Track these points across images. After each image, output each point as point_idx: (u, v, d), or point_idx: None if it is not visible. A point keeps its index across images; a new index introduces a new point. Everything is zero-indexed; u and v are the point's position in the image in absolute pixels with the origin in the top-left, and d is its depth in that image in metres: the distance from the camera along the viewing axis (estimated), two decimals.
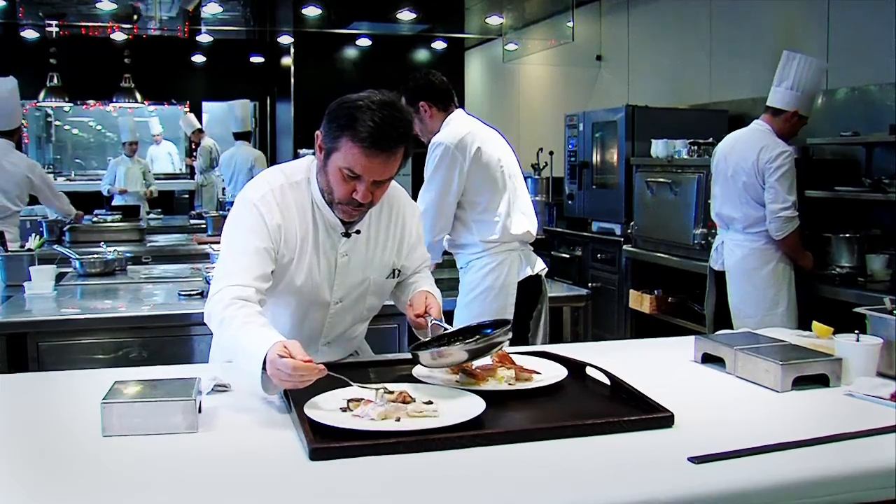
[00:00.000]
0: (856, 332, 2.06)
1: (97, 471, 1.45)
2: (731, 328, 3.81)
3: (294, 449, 1.54)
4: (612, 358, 2.06)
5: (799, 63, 3.96)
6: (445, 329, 2.05)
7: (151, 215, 7.67)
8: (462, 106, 3.38)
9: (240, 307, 1.91)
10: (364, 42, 10.28)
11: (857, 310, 2.18)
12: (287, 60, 10.91)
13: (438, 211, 3.17)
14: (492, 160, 3.16)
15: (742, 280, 4.04)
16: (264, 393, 1.78)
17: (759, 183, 3.90)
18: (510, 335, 1.91)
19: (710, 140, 5.12)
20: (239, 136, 7.84)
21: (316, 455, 1.47)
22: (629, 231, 5.65)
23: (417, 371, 1.97)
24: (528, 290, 3.23)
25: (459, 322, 3.10)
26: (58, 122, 13.08)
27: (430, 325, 2.08)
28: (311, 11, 8.27)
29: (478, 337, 1.91)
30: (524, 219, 3.23)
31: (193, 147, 10.34)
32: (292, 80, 10.40)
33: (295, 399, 1.68)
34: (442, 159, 3.12)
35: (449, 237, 3.26)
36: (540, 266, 3.29)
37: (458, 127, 3.19)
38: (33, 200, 8.54)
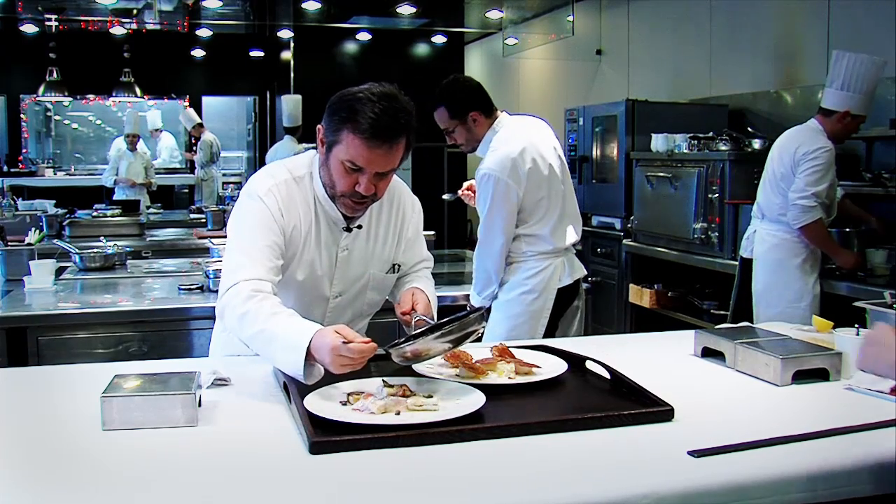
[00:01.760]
0: (856, 326, 2.06)
1: (97, 465, 1.45)
2: (751, 320, 3.79)
3: (294, 442, 1.54)
4: (612, 352, 2.06)
5: (848, 62, 3.84)
6: (429, 324, 2.00)
7: (151, 210, 7.67)
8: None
9: (262, 299, 1.90)
10: (364, 36, 10.27)
11: (858, 304, 2.19)
12: (287, 55, 10.91)
13: (496, 246, 3.07)
14: (545, 172, 3.05)
15: (769, 269, 4.01)
16: (305, 381, 1.76)
17: (792, 174, 3.86)
18: (484, 324, 1.87)
19: (710, 134, 5.12)
20: (288, 131, 7.75)
21: (316, 449, 1.47)
22: (629, 225, 5.65)
23: (417, 365, 1.96)
24: (568, 293, 3.19)
25: (494, 318, 3.10)
26: (57, 117, 13.07)
27: (414, 321, 2.06)
28: (311, 6, 8.26)
29: (448, 328, 1.83)
30: (572, 228, 3.16)
31: (193, 142, 10.34)
32: (292, 75, 10.39)
33: (295, 393, 1.68)
34: (497, 193, 3.00)
35: None
36: (581, 273, 3.23)
37: (507, 148, 3.03)
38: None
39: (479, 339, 1.96)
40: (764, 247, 4.05)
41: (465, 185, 3.35)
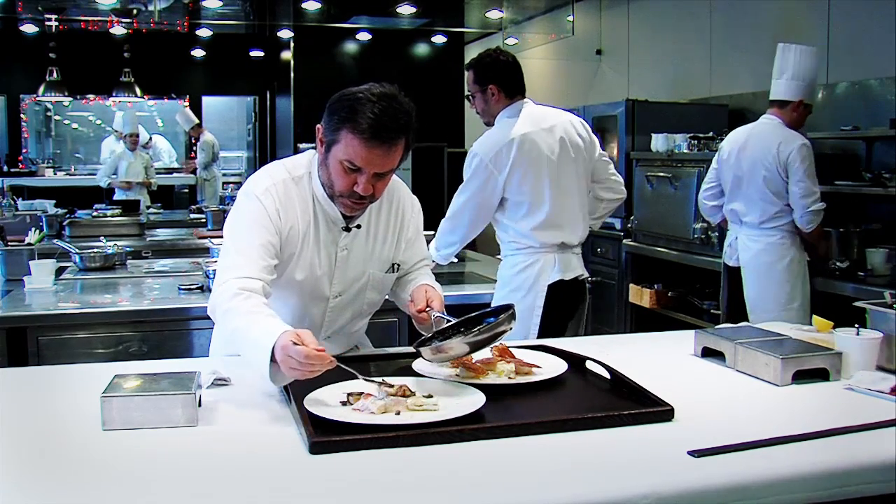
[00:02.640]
0: (856, 326, 2.06)
1: (97, 464, 1.45)
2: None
3: (294, 443, 1.54)
4: (612, 352, 2.06)
5: (795, 53, 4.00)
6: (448, 321, 2.02)
7: (151, 210, 7.67)
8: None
9: (245, 298, 1.90)
10: (364, 36, 10.26)
11: (858, 304, 2.18)
12: (287, 55, 10.90)
13: (460, 219, 3.16)
14: (540, 167, 3.05)
15: (758, 276, 4.02)
16: (271, 383, 1.76)
17: (781, 176, 3.88)
18: (513, 323, 1.88)
19: (711, 134, 5.12)
20: None
21: (316, 449, 1.47)
22: (629, 225, 5.65)
23: (417, 365, 1.96)
24: (571, 293, 3.18)
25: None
26: (57, 117, 13.07)
27: (433, 319, 2.06)
28: (311, 6, 8.26)
29: (480, 327, 1.86)
30: (569, 229, 3.13)
31: (193, 142, 10.33)
32: (292, 75, 10.39)
33: (295, 393, 1.68)
34: (476, 172, 3.07)
35: (494, 231, 3.27)
36: (577, 272, 3.18)
37: (501, 134, 3.07)
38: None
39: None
40: (749, 254, 4.06)
41: None
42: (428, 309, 2.08)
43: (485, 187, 3.07)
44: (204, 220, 6.40)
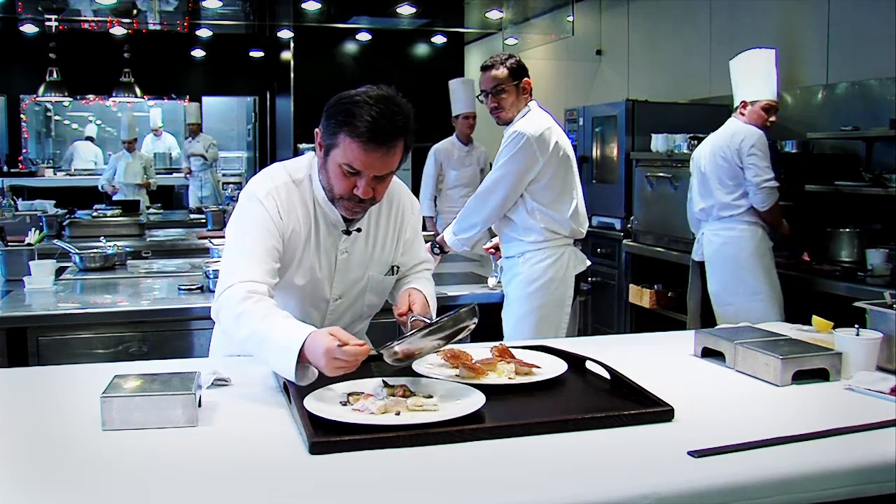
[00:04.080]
0: (856, 326, 2.06)
1: (97, 465, 1.45)
2: (713, 321, 3.88)
3: (294, 443, 1.54)
4: (612, 352, 2.06)
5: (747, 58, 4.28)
6: (425, 323, 1.98)
7: (151, 210, 7.67)
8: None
9: (257, 301, 1.90)
10: (364, 36, 10.27)
11: (858, 304, 2.18)
12: (287, 55, 10.91)
13: (493, 195, 3.20)
14: (569, 155, 3.23)
15: (719, 268, 4.16)
16: (276, 381, 1.76)
17: (735, 161, 4.03)
18: (476, 318, 1.85)
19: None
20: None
21: (316, 449, 1.47)
22: (629, 226, 5.65)
23: (418, 366, 1.96)
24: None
25: (518, 314, 3.18)
26: (57, 117, 13.07)
27: (409, 322, 2.05)
28: (311, 6, 8.27)
29: (437, 325, 1.82)
30: (583, 222, 3.30)
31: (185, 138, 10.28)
32: (292, 75, 10.40)
33: (295, 393, 1.68)
34: (522, 150, 3.13)
35: (507, 227, 3.27)
36: (586, 263, 3.35)
37: (540, 120, 3.20)
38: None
39: (463, 335, 1.93)
40: (711, 248, 4.20)
41: (492, 242, 3.45)
42: (409, 312, 2.07)
43: (525, 166, 3.14)
44: (204, 221, 6.41)
